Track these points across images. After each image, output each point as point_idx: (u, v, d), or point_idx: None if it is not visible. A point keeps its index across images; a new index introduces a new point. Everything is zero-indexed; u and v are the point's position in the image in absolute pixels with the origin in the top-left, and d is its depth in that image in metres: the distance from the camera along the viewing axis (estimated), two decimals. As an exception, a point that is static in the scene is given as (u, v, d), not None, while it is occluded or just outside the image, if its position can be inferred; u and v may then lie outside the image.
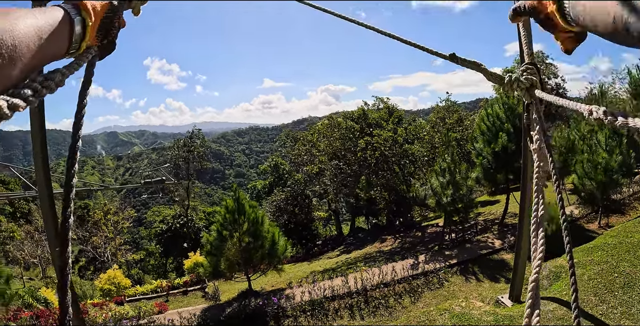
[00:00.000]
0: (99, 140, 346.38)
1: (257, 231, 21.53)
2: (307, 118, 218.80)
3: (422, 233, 32.79)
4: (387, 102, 44.88)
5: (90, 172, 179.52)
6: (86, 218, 54.92)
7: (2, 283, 9.90)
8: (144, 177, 38.47)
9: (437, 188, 23.97)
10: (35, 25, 0.87)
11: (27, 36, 0.83)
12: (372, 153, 38.52)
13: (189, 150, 56.19)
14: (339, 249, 38.19)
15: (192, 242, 46.79)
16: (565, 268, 9.64)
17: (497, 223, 27.60)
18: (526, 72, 1.62)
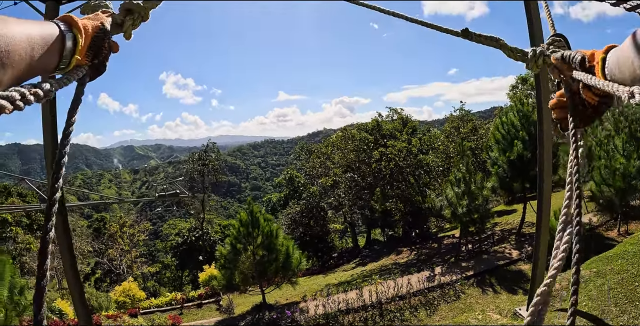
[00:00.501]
0: (116, 154, 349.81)
1: (271, 244, 21.45)
2: (322, 130, 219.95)
3: (438, 245, 32.44)
4: (401, 113, 44.83)
5: (107, 186, 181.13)
6: (102, 231, 55.25)
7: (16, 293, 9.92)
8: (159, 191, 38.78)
9: (453, 198, 23.70)
10: (28, 34, 0.89)
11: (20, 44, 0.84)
12: (386, 165, 38.34)
13: (204, 164, 56.43)
14: (355, 261, 37.94)
15: (207, 255, 46.72)
16: (585, 278, 9.35)
17: (514, 233, 27.14)
18: (553, 45, 1.43)
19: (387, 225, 42.51)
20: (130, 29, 1.42)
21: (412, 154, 38.74)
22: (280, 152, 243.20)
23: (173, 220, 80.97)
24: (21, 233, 45.41)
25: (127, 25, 1.40)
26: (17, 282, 10.42)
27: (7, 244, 39.74)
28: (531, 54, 1.44)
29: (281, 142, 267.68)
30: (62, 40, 1.02)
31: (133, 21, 1.42)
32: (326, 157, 45.20)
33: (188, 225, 62.96)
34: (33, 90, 0.85)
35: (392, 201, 38.92)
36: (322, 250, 43.78)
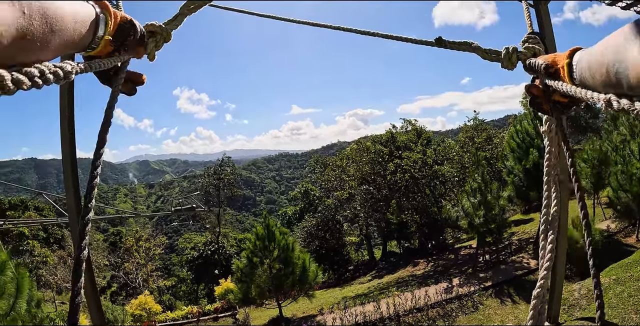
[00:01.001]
0: (131, 168, 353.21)
1: (287, 257, 21.43)
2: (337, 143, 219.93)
3: (455, 256, 32.18)
4: (415, 124, 44.82)
5: (122, 200, 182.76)
6: (118, 245, 55.55)
7: (33, 306, 9.98)
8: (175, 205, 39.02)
9: (469, 209, 23.55)
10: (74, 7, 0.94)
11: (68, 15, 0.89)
12: (401, 176, 38.25)
13: (219, 178, 56.64)
14: (371, 274, 37.71)
15: (223, 269, 46.74)
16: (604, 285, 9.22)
17: (531, 242, 26.81)
18: (527, 43, 1.47)
19: (404, 236, 42.31)
20: (154, 51, 1.47)
21: (427, 165, 38.63)
22: (295, 165, 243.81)
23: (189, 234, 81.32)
24: (37, 246, 45.90)
25: (151, 47, 1.44)
26: (34, 295, 10.48)
27: (24, 257, 40.11)
28: (504, 53, 1.47)
29: (295, 156, 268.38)
30: (96, 20, 1.06)
31: (156, 43, 1.46)
32: (341, 169, 45.20)
33: (204, 239, 63.13)
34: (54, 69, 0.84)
35: (408, 213, 38.76)
36: (338, 263, 43.57)
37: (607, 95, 0.92)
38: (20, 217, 45.71)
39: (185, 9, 1.65)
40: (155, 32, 1.45)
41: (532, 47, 1.44)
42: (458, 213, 25.92)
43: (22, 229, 44.09)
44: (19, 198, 55.50)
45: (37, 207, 55.18)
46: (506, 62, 1.47)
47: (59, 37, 0.85)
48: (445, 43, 1.62)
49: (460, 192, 30.02)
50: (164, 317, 28.06)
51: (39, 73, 0.77)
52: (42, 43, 0.79)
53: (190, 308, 29.66)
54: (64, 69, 0.87)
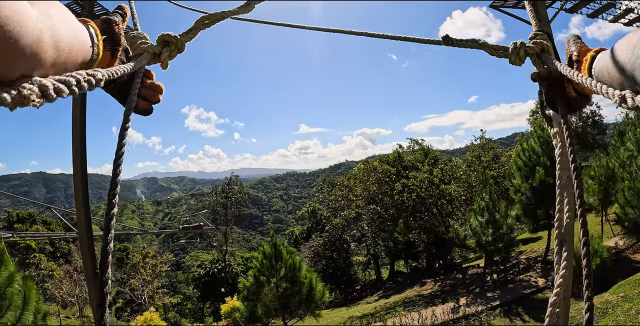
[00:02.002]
0: (139, 185, 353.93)
1: (294, 276, 21.37)
2: (344, 162, 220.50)
3: (462, 275, 31.96)
4: (421, 144, 45.01)
5: (130, 216, 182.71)
6: (125, 261, 55.45)
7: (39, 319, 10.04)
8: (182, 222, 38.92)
9: (477, 228, 23.48)
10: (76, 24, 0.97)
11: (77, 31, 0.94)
12: (408, 196, 38.25)
13: (226, 196, 56.80)
14: (378, 294, 37.53)
15: (229, 287, 46.57)
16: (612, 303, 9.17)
17: (539, 260, 26.69)
18: (534, 39, 1.49)
19: (411, 256, 42.09)
20: (167, 60, 1.51)
21: (434, 185, 38.62)
22: (302, 184, 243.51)
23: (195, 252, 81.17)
24: (44, 260, 45.99)
25: (164, 56, 1.49)
26: (41, 308, 10.58)
27: (30, 270, 40.18)
28: (512, 47, 1.49)
29: (303, 175, 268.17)
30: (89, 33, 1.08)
31: (170, 52, 1.51)
32: (348, 189, 45.21)
33: (210, 257, 63.01)
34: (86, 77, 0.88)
35: (416, 232, 38.67)
36: (345, 282, 43.32)
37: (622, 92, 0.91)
38: (28, 230, 45.94)
39: (200, 24, 1.69)
40: (170, 42, 1.51)
41: (540, 42, 1.46)
42: (466, 232, 25.86)
43: (29, 242, 44.26)
44: (27, 211, 55.80)
45: (44, 221, 55.41)
46: (514, 57, 1.49)
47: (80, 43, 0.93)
48: (453, 41, 1.66)
49: (467, 211, 29.96)
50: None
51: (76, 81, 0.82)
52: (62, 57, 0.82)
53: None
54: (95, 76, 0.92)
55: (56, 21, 0.78)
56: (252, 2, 2.00)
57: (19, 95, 0.66)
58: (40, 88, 0.70)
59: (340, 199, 45.74)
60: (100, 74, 0.95)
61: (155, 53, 1.47)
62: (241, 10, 1.92)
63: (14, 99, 0.65)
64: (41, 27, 0.70)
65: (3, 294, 9.34)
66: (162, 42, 1.50)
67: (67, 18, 0.87)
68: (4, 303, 9.33)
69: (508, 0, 14.17)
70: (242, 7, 1.92)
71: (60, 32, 0.79)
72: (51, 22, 0.76)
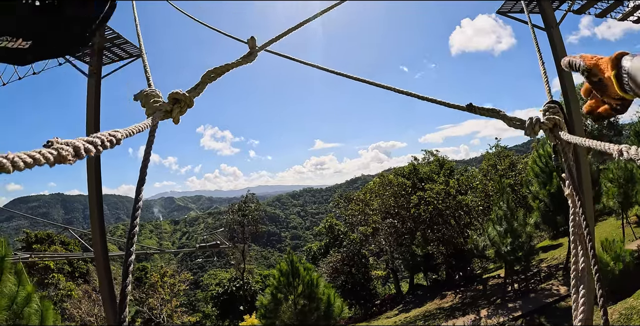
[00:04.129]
0: (156, 205, 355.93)
1: (312, 293, 21.20)
2: (360, 177, 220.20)
3: (483, 286, 31.53)
4: (436, 155, 44.82)
5: (148, 236, 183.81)
6: (143, 280, 55.58)
7: (56, 338, 10.09)
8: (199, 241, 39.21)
9: (495, 237, 23.22)
10: None
11: None
12: (425, 208, 38.03)
13: (243, 214, 56.88)
14: (398, 308, 37.20)
15: (248, 305, 46.47)
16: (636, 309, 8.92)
17: (561, 268, 26.23)
18: (548, 112, 1.58)
19: (430, 268, 41.76)
20: (178, 116, 1.62)
21: (451, 196, 38.36)
22: (320, 200, 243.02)
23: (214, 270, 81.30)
24: (63, 280, 46.36)
25: (175, 112, 1.60)
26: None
27: (49, 290, 40.47)
28: (528, 123, 1.58)
29: (320, 190, 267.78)
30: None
31: (180, 109, 1.61)
32: (365, 203, 45.06)
33: (228, 275, 63.12)
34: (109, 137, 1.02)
35: (434, 244, 38.37)
36: (364, 297, 43.00)
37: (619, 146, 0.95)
38: (46, 250, 46.40)
39: (207, 78, 1.80)
40: (179, 99, 1.61)
41: (553, 118, 1.55)
42: (484, 242, 25.59)
43: (47, 262, 44.66)
44: (45, 232, 56.38)
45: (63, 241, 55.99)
46: (529, 131, 1.59)
47: None
48: (475, 109, 1.76)
49: (485, 220, 29.65)
50: (188, 353, 27.90)
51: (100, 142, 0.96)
52: None
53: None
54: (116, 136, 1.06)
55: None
56: (255, 51, 2.17)
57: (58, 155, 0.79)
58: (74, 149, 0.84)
59: (357, 214, 45.58)
60: (119, 135, 1.11)
61: (167, 110, 1.58)
62: (244, 60, 2.07)
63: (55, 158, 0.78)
64: None
65: (21, 314, 9.36)
66: (173, 99, 1.61)
67: None
68: (21, 322, 9.35)
69: (515, 5, 14.12)
70: (245, 58, 2.08)
71: None
72: None
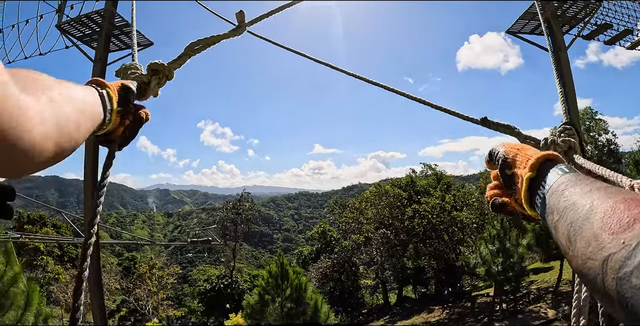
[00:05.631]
0: (151, 196, 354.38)
1: (299, 297, 21.22)
2: (357, 185, 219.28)
3: (471, 303, 31.57)
4: (434, 169, 44.89)
5: (140, 226, 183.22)
6: (132, 270, 55.59)
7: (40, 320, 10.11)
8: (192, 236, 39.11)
9: (487, 256, 23.30)
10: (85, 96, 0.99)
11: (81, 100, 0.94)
12: (419, 221, 38.07)
13: (237, 212, 56.79)
14: (385, 319, 37.21)
15: (234, 303, 46.36)
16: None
17: (550, 291, 26.33)
18: (563, 134, 1.55)
19: (420, 282, 41.75)
20: (157, 88, 1.58)
21: (446, 211, 38.41)
22: (315, 204, 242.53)
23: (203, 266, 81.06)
24: (51, 263, 46.33)
25: (153, 83, 1.55)
26: (43, 310, 10.68)
27: (37, 272, 40.38)
28: (543, 143, 1.53)
29: (315, 195, 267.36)
30: (102, 99, 1.11)
31: (159, 80, 1.58)
32: (359, 212, 45.06)
33: (218, 272, 62.94)
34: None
35: (425, 258, 38.40)
36: (352, 306, 42.98)
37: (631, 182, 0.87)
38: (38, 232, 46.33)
39: (190, 50, 1.76)
40: (158, 70, 1.58)
41: (568, 140, 1.51)
42: (476, 260, 25.66)
43: (38, 244, 44.62)
44: (38, 213, 56.29)
45: (55, 224, 55.95)
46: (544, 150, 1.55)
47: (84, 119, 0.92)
48: (490, 123, 1.73)
49: (478, 238, 29.72)
50: (171, 347, 27.89)
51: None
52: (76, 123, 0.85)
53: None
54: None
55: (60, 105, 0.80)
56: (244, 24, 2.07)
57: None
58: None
59: (351, 221, 45.54)
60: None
61: (145, 82, 1.52)
62: (232, 33, 1.98)
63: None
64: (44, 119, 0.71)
65: (6, 293, 9.42)
66: (151, 70, 1.57)
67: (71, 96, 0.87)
68: (6, 302, 9.42)
69: (525, 26, 14.23)
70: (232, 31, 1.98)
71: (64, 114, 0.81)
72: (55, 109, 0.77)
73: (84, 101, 0.96)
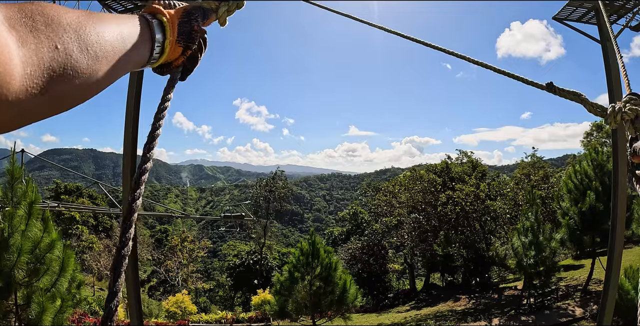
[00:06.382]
0: (185, 171, 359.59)
1: (329, 276, 21.34)
2: (390, 168, 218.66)
3: (498, 295, 31.30)
4: (470, 156, 44.31)
5: (173, 200, 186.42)
6: (164, 242, 56.87)
7: (74, 287, 10.45)
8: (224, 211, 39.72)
9: (519, 248, 22.98)
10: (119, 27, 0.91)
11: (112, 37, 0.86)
12: (452, 208, 37.77)
13: (270, 190, 57.24)
14: (410, 304, 37.19)
15: (262, 280, 47.03)
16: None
17: (579, 289, 25.89)
18: (629, 103, 1.46)
19: (448, 270, 41.55)
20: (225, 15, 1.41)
21: (480, 199, 37.96)
22: (347, 186, 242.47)
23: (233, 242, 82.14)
24: (86, 232, 47.73)
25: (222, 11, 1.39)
26: (77, 277, 11.05)
27: (72, 240, 41.64)
28: (610, 110, 1.46)
29: (348, 177, 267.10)
30: (150, 30, 1.05)
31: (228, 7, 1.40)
32: (392, 195, 44.90)
33: (247, 248, 63.83)
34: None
35: (455, 246, 38.11)
36: (378, 289, 43.10)
37: None
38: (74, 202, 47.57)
39: None
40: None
41: (636, 109, 1.43)
42: (507, 251, 25.37)
43: (73, 214, 45.92)
44: (75, 184, 57.75)
45: (90, 195, 57.51)
46: (610, 119, 1.47)
47: (109, 61, 0.84)
48: (555, 89, 1.61)
49: (511, 229, 29.32)
50: (197, 318, 28.47)
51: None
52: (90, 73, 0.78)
53: (224, 314, 29.99)
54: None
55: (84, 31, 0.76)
56: None
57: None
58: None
59: (383, 205, 45.43)
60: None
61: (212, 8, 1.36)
62: None
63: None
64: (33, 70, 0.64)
65: (42, 259, 9.74)
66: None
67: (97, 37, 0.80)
68: (42, 267, 9.74)
69: (572, 13, 13.76)
70: None
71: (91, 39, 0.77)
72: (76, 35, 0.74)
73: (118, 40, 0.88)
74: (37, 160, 47.82)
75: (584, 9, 13.31)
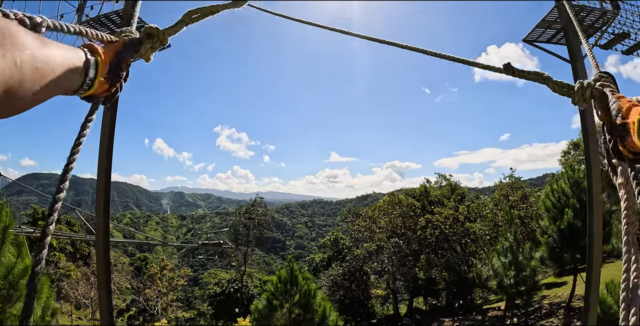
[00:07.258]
0: (166, 198, 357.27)
1: (308, 303, 21.12)
2: (372, 194, 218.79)
3: (482, 317, 31.26)
4: (449, 179, 44.73)
5: (154, 228, 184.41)
6: (143, 270, 55.95)
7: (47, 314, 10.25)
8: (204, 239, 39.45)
9: (499, 268, 23.06)
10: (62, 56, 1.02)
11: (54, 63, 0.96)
12: (432, 232, 37.90)
13: (250, 217, 56.80)
14: (393, 330, 36.90)
15: (243, 308, 46.36)
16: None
17: (563, 306, 25.93)
18: (599, 81, 1.37)
19: (431, 293, 41.46)
20: (149, 52, 1.56)
21: (459, 222, 38.19)
22: (328, 212, 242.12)
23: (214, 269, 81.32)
24: (63, 259, 46.90)
25: (147, 47, 1.53)
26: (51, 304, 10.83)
27: (49, 267, 40.91)
28: (578, 87, 1.40)
29: (329, 203, 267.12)
30: (87, 64, 1.16)
31: (152, 44, 1.55)
32: (372, 220, 44.94)
33: (228, 276, 63.14)
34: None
35: (437, 269, 38.13)
36: (361, 315, 42.69)
37: None
38: (52, 228, 46.88)
39: (187, 18, 1.72)
40: (152, 34, 1.55)
41: (608, 85, 1.34)
42: (488, 272, 25.41)
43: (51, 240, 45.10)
44: (52, 209, 57.11)
45: (68, 222, 56.72)
46: (578, 97, 1.40)
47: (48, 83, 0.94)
48: (514, 70, 1.59)
49: (491, 250, 29.45)
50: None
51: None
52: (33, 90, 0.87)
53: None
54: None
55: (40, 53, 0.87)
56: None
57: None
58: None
59: (364, 230, 45.41)
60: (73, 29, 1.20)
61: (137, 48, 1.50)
62: (233, 4, 1.89)
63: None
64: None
65: (16, 285, 9.52)
66: (146, 34, 1.54)
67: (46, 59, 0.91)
68: (15, 294, 9.52)
69: (542, 35, 14.04)
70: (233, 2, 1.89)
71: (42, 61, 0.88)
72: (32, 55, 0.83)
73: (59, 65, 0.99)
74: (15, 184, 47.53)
75: (553, 30, 13.61)
